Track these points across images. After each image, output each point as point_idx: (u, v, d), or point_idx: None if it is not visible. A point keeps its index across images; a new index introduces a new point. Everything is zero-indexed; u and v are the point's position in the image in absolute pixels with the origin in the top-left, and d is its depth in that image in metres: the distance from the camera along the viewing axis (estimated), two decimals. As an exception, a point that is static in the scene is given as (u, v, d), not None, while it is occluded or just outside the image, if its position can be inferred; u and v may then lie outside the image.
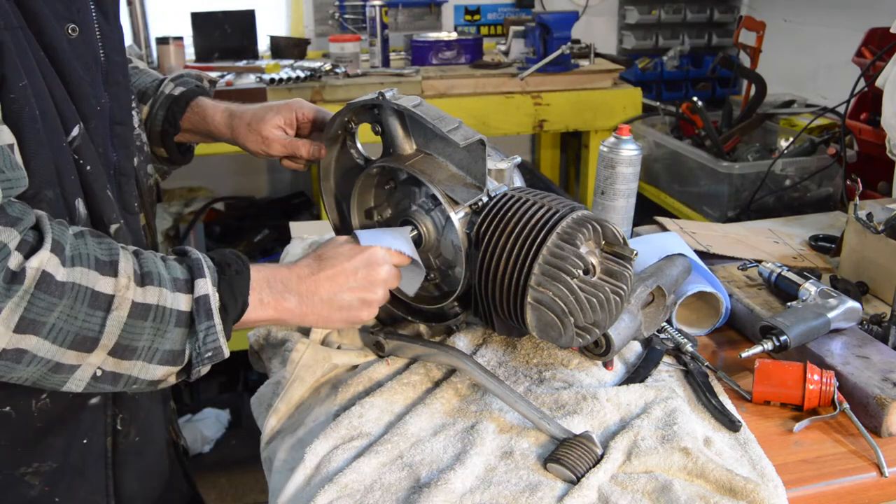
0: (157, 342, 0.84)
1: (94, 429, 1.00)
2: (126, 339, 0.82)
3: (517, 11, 3.52)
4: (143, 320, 0.83)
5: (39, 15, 0.87)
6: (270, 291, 0.94)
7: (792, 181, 2.27)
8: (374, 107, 1.14)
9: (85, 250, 0.81)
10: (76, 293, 0.78)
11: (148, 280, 0.84)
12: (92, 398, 0.99)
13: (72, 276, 0.78)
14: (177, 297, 0.85)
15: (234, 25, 2.97)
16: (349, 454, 0.98)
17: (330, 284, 0.98)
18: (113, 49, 0.99)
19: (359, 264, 0.99)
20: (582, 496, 0.90)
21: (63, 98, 0.89)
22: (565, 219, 1.02)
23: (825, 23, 3.11)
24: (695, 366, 1.16)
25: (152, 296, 0.83)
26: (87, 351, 0.81)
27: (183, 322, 0.85)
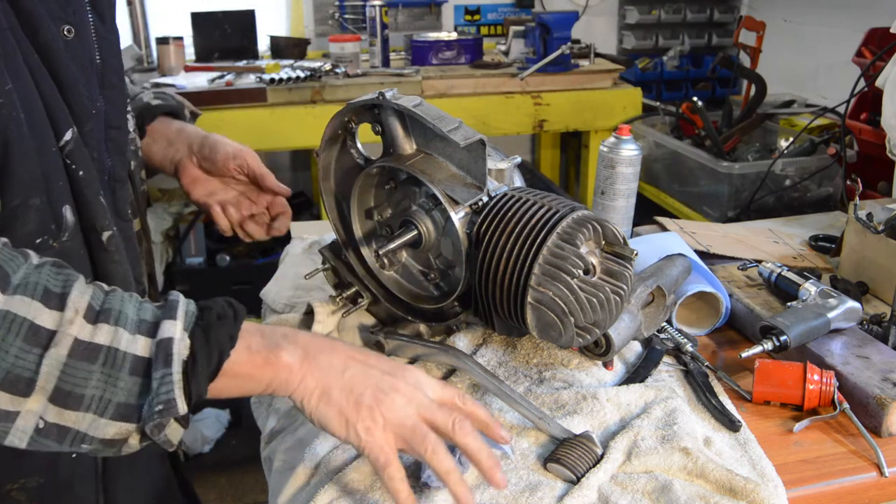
0: (110, 392, 0.71)
1: None
2: (68, 383, 0.70)
3: (517, 11, 3.52)
4: (90, 363, 0.70)
5: (34, 15, 0.84)
6: (263, 340, 0.79)
7: (792, 181, 2.27)
8: (374, 107, 1.14)
9: (35, 279, 0.71)
10: (10, 324, 0.68)
11: (103, 318, 0.72)
12: None
13: (9, 304, 0.68)
14: (135, 341, 0.73)
15: (234, 25, 2.97)
16: (349, 454, 0.98)
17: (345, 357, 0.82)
18: (109, 52, 0.97)
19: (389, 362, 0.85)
20: (582, 496, 0.90)
21: (55, 101, 0.86)
22: (565, 219, 1.02)
23: (825, 23, 3.11)
24: (695, 366, 1.16)
25: (104, 336, 0.71)
26: (22, 395, 0.69)
27: (139, 371, 0.72)
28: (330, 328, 1.23)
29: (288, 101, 2.58)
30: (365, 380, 0.81)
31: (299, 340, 0.80)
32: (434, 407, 0.82)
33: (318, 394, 0.80)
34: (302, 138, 2.58)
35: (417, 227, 1.13)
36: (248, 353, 0.78)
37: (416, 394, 0.82)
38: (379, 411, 0.79)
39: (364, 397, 0.80)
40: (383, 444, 0.79)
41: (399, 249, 1.17)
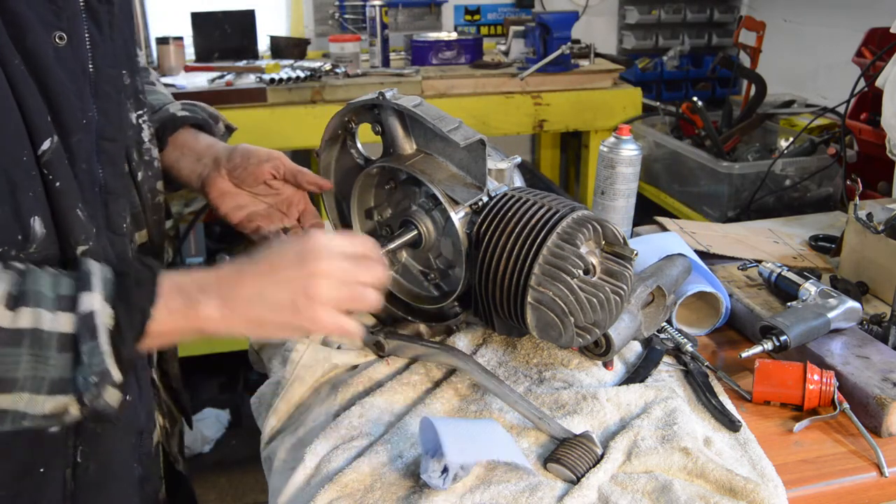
0: (42, 370, 0.73)
1: (53, 459, 0.93)
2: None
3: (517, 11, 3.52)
4: (17, 347, 0.72)
5: (23, 20, 0.81)
6: (181, 298, 0.80)
7: (792, 181, 2.27)
8: (374, 107, 1.14)
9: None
10: None
11: (23, 301, 0.73)
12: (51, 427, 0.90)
13: None
14: (57, 318, 0.74)
15: (234, 25, 2.97)
16: (349, 454, 0.98)
17: (256, 280, 0.83)
18: (104, 61, 0.92)
19: (292, 253, 0.85)
20: (582, 496, 0.90)
21: (36, 109, 0.82)
22: (565, 219, 1.02)
23: (825, 23, 3.11)
24: (695, 366, 1.16)
25: (25, 319, 0.73)
26: None
27: (67, 346, 0.74)
28: (330, 328, 1.23)
29: (288, 101, 2.58)
30: (283, 289, 0.83)
31: (213, 289, 0.82)
32: (354, 269, 0.86)
33: (252, 327, 0.83)
34: (302, 138, 2.57)
35: (417, 227, 1.14)
36: (168, 313, 0.80)
37: (333, 268, 0.84)
38: (311, 306, 0.83)
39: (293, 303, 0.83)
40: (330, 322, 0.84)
41: (399, 249, 1.17)
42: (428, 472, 0.89)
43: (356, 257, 0.87)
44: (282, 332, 0.85)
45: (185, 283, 0.82)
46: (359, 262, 0.87)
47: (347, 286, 0.85)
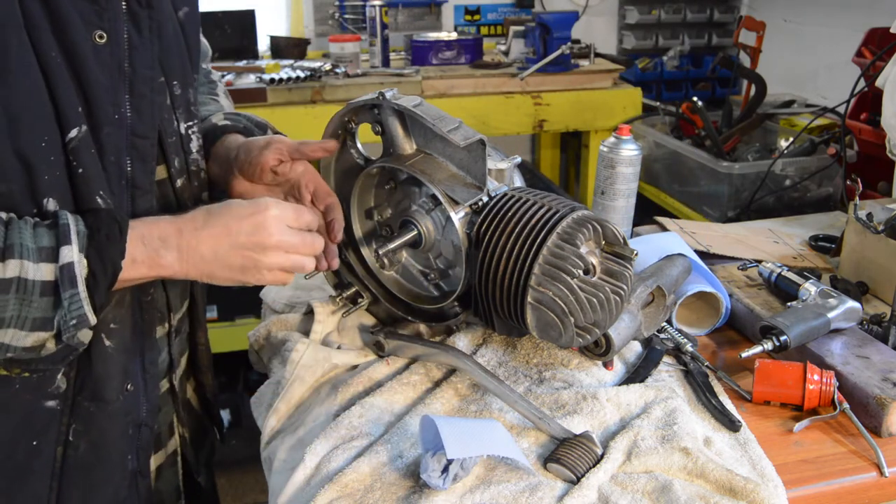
0: (26, 311, 0.85)
1: (46, 433, 0.98)
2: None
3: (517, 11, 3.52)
4: (5, 294, 0.84)
5: (66, 17, 0.89)
6: (145, 248, 0.92)
7: (792, 181, 2.27)
8: (374, 107, 1.14)
9: None
10: None
11: (9, 253, 0.84)
12: (48, 401, 0.97)
13: None
14: (39, 268, 0.85)
15: (234, 25, 2.97)
16: (349, 454, 0.98)
17: (213, 242, 0.94)
18: (141, 62, 0.98)
19: (247, 225, 0.95)
20: (582, 496, 0.90)
21: (68, 99, 0.90)
22: (565, 219, 1.02)
23: (825, 23, 3.11)
24: (695, 366, 1.16)
25: (12, 269, 0.84)
26: None
27: (49, 291, 0.86)
28: (330, 328, 1.23)
29: (288, 101, 2.58)
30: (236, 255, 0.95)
31: (173, 241, 0.93)
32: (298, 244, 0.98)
33: (204, 278, 0.96)
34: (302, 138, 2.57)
35: (417, 227, 1.14)
36: (133, 263, 0.91)
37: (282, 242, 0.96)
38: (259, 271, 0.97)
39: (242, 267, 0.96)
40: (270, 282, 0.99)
41: (399, 249, 1.17)
42: (428, 472, 0.89)
43: (301, 232, 0.99)
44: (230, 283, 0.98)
45: (148, 234, 0.93)
46: (303, 237, 0.99)
47: (291, 258, 0.98)
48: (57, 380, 0.98)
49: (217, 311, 2.90)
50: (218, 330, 2.84)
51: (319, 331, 1.22)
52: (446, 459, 0.90)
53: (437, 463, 0.90)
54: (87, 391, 1.00)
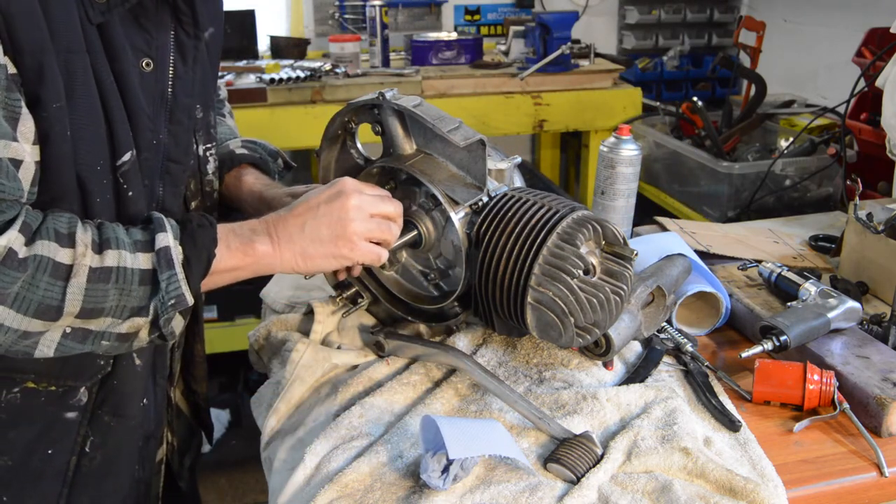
0: (125, 300, 0.87)
1: (62, 442, 1.01)
2: (90, 302, 0.85)
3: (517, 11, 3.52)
4: (106, 283, 0.86)
5: (118, 44, 0.92)
6: (237, 238, 0.95)
7: (792, 181, 2.27)
8: (374, 107, 1.14)
9: (46, 225, 0.85)
10: (38, 264, 0.82)
11: (106, 245, 0.87)
12: (69, 412, 0.99)
13: (33, 249, 0.83)
14: (137, 258, 0.88)
15: (234, 25, 2.97)
16: (349, 454, 0.98)
17: (299, 220, 0.98)
18: (182, 90, 1.01)
19: (324, 196, 1.00)
20: (582, 496, 0.90)
21: (122, 124, 0.93)
22: (565, 219, 1.02)
23: (825, 23, 3.11)
24: (695, 366, 1.16)
25: (111, 259, 0.86)
26: (52, 320, 0.84)
27: (147, 280, 0.88)
28: (330, 328, 1.23)
29: (288, 101, 2.58)
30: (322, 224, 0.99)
31: (261, 229, 0.97)
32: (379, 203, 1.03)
33: (299, 258, 0.99)
34: (302, 138, 2.57)
35: (417, 227, 1.13)
36: (228, 251, 0.95)
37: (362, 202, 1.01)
38: (347, 236, 0.99)
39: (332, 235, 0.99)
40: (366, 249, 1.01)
41: (399, 249, 1.17)
42: (428, 472, 0.89)
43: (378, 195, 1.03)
44: (326, 263, 1.01)
45: (237, 227, 0.97)
46: (382, 198, 1.04)
47: (375, 221, 1.02)
48: (80, 393, 1.00)
49: (217, 311, 2.90)
50: (218, 330, 2.84)
51: (319, 331, 1.22)
52: (446, 459, 0.90)
53: (437, 463, 0.90)
54: (109, 406, 1.03)
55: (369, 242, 1.02)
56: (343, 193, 1.00)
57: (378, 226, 1.02)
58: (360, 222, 1.00)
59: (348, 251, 1.00)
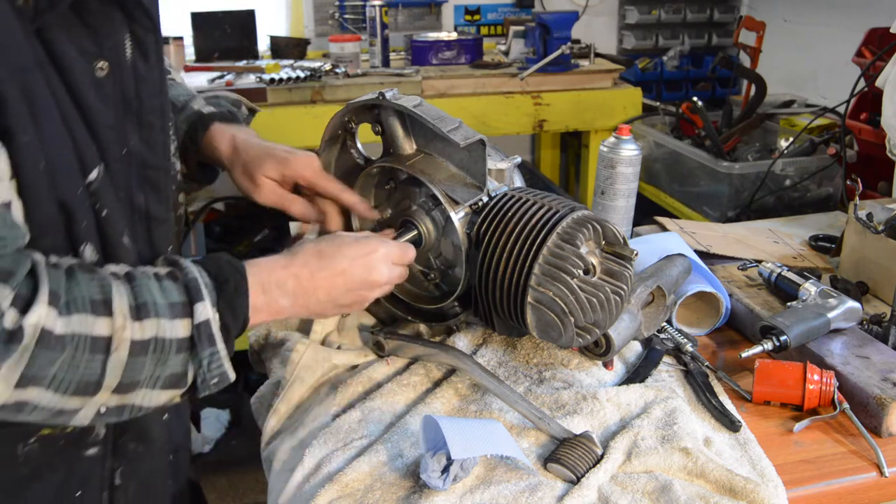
0: (159, 370, 0.83)
1: (89, 482, 0.96)
2: (129, 377, 0.80)
3: (517, 11, 3.52)
4: (144, 355, 0.81)
5: (64, 51, 0.81)
6: (265, 296, 0.92)
7: (792, 181, 2.27)
8: (374, 107, 1.14)
9: (79, 293, 0.77)
10: (76, 343, 0.76)
11: (144, 313, 0.81)
12: (89, 449, 0.95)
13: (70, 326, 0.76)
14: (175, 325, 0.82)
15: (234, 25, 2.96)
16: (349, 454, 0.98)
17: (328, 287, 0.96)
18: (149, 92, 0.91)
19: (360, 268, 0.99)
20: (582, 496, 0.90)
21: (84, 139, 0.84)
22: (565, 219, 1.02)
23: (825, 23, 3.11)
24: (695, 366, 1.16)
25: (150, 330, 0.81)
26: (90, 395, 0.79)
27: (184, 348, 0.83)
28: (330, 328, 1.23)
29: (288, 101, 2.58)
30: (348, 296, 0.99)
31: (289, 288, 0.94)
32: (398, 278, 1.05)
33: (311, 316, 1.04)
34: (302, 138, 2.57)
35: (417, 227, 1.13)
36: (255, 312, 0.91)
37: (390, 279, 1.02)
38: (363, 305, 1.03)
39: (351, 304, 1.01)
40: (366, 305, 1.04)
41: (399, 249, 1.16)
42: (428, 472, 0.89)
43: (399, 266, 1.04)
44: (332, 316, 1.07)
45: (266, 280, 0.92)
46: (401, 271, 1.04)
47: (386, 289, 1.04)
48: (97, 427, 0.95)
49: (217, 311, 2.89)
50: (218, 330, 2.83)
51: (319, 331, 1.22)
52: (446, 459, 0.90)
53: (437, 463, 0.90)
54: (132, 433, 0.99)
55: None
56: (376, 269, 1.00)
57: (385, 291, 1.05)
58: (380, 292, 1.03)
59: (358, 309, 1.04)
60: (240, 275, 0.89)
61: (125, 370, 0.79)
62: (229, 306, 0.87)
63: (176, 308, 0.83)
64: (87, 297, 0.78)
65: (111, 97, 0.87)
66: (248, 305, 0.89)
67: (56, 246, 0.83)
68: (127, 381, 0.80)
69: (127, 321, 0.79)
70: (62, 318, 0.75)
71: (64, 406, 0.78)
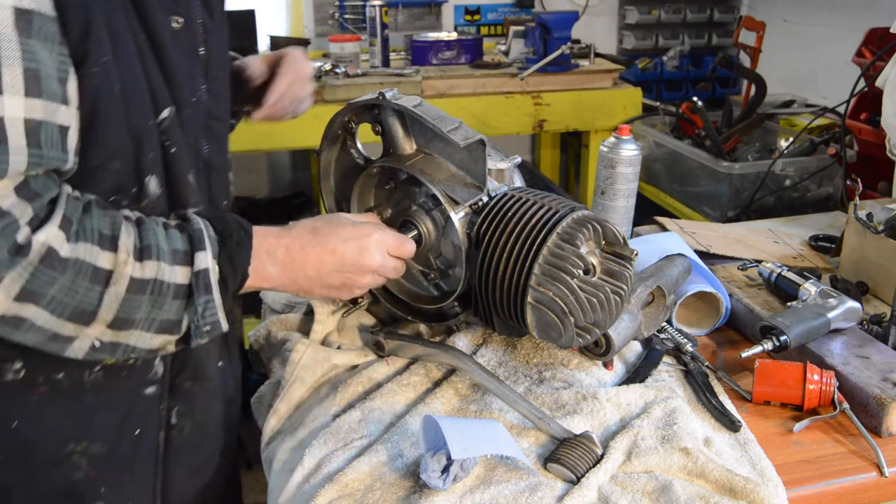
0: (155, 313, 0.86)
1: (147, 420, 1.00)
2: (124, 312, 0.84)
3: (517, 11, 3.52)
4: (141, 294, 0.85)
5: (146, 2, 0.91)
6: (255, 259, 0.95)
7: (792, 181, 2.27)
8: (374, 107, 1.14)
9: (90, 224, 0.83)
10: (78, 268, 0.81)
11: (147, 254, 0.85)
12: (148, 388, 1.00)
13: (75, 251, 0.81)
14: (174, 271, 0.87)
15: (235, 25, 2.95)
16: (349, 454, 0.98)
17: (318, 263, 0.98)
18: (215, 45, 1.02)
19: (352, 250, 0.99)
20: (582, 496, 0.90)
21: (158, 82, 0.92)
22: (565, 219, 1.02)
23: (825, 23, 3.11)
24: (695, 366, 1.16)
25: (150, 270, 0.85)
26: (84, 324, 0.83)
27: (181, 294, 0.87)
28: (330, 328, 1.23)
29: (288, 101, 2.58)
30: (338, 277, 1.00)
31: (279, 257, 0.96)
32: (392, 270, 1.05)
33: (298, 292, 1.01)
34: (302, 138, 2.57)
35: (417, 227, 1.13)
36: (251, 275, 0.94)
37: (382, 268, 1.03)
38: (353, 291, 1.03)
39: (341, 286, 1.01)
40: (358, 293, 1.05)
41: (399, 249, 1.16)
42: (428, 472, 0.89)
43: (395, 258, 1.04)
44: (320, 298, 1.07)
45: (258, 247, 0.95)
46: (396, 263, 1.05)
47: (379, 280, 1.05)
48: (155, 365, 1.00)
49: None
50: (218, 330, 2.83)
51: (319, 331, 1.22)
52: (446, 459, 0.90)
53: (437, 463, 0.90)
54: (188, 371, 1.03)
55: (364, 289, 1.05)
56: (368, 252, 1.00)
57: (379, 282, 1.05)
58: (370, 279, 1.03)
59: (346, 296, 1.04)
60: (244, 232, 0.94)
61: (121, 305, 0.84)
62: (229, 260, 0.91)
63: (178, 255, 0.87)
64: (97, 229, 0.83)
65: (184, 48, 0.96)
66: (247, 260, 0.92)
67: (123, 171, 0.91)
68: (122, 317, 0.84)
69: (129, 258, 0.84)
70: (70, 243, 0.80)
71: (59, 330, 0.82)
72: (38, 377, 0.94)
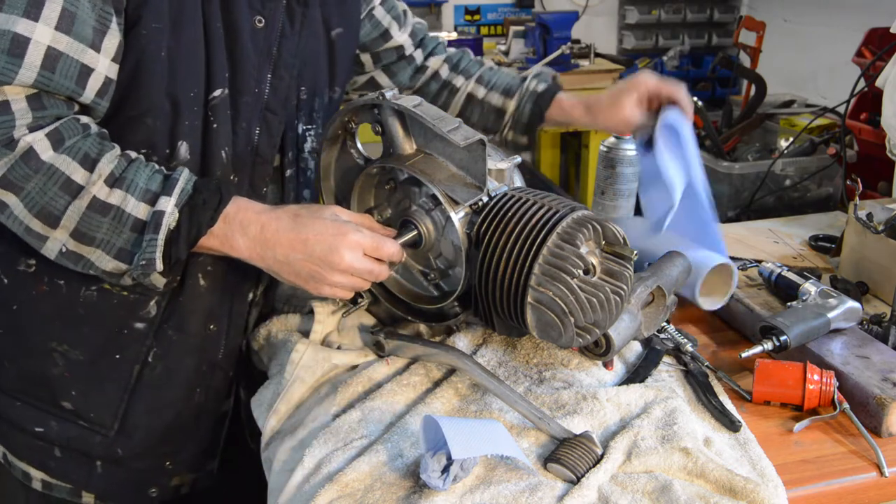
0: (114, 238, 0.97)
1: (129, 349, 1.13)
2: (84, 226, 0.95)
3: (517, 11, 3.52)
4: (103, 216, 0.95)
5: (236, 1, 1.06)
6: (224, 225, 1.00)
7: (792, 181, 2.27)
8: (374, 106, 1.14)
9: (81, 145, 0.95)
10: (52, 174, 0.93)
11: (119, 184, 0.96)
12: (138, 322, 1.12)
13: (55, 160, 0.93)
14: (138, 206, 0.96)
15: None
16: (349, 454, 0.98)
17: (288, 248, 1.01)
18: (287, 49, 1.14)
19: (322, 245, 1.00)
20: (582, 496, 0.90)
21: (220, 65, 1.05)
22: (565, 219, 1.02)
23: (825, 23, 3.11)
24: (695, 366, 1.16)
25: (116, 198, 0.96)
26: (50, 226, 0.95)
27: (138, 228, 0.97)
28: (330, 328, 1.23)
29: (288, 101, 2.58)
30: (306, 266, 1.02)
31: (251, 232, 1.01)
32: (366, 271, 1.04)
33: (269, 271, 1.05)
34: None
35: (417, 227, 1.13)
36: (209, 235, 1.00)
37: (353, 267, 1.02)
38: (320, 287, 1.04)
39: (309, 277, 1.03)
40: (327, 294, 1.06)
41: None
42: (428, 472, 0.89)
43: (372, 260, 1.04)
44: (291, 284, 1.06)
45: (233, 215, 1.01)
46: (372, 266, 1.04)
47: (353, 280, 1.04)
48: (150, 305, 1.12)
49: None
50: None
51: (319, 331, 1.22)
52: (446, 459, 0.90)
53: (437, 463, 0.90)
54: (174, 321, 1.14)
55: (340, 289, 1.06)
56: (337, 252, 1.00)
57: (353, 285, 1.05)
58: (342, 278, 1.03)
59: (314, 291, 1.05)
60: (218, 196, 1.00)
61: (81, 219, 0.95)
62: (190, 213, 0.98)
63: (148, 194, 0.97)
64: (84, 150, 0.95)
65: (259, 45, 1.10)
66: (209, 220, 0.99)
67: (157, 129, 1.03)
68: (83, 231, 0.96)
69: (100, 181, 0.95)
70: (54, 152, 0.93)
71: (31, 225, 0.95)
72: (44, 277, 1.10)
